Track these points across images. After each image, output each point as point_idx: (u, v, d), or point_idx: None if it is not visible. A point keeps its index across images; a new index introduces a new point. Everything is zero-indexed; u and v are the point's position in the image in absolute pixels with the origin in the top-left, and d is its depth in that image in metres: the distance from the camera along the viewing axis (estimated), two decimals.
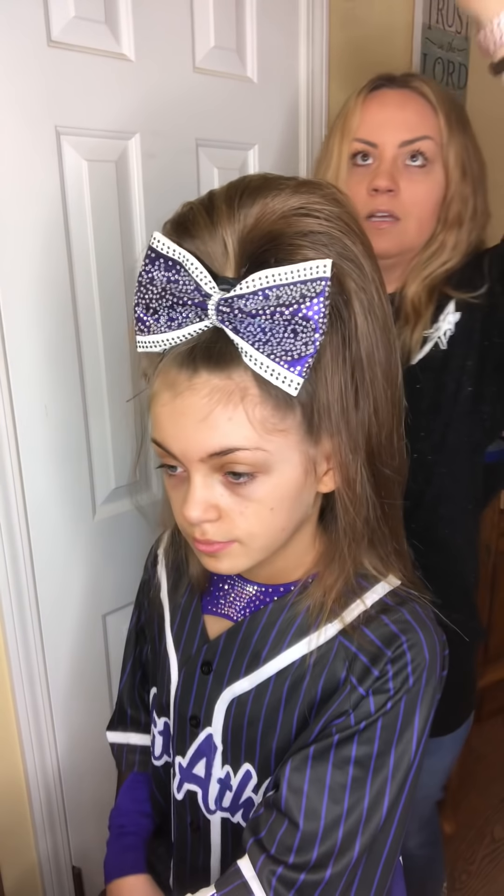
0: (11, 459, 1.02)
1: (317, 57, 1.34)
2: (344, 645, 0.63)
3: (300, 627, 0.66)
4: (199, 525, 0.59)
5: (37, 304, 1.01)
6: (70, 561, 1.14)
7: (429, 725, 0.63)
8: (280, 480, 0.58)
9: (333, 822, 0.60)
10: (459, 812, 1.86)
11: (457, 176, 0.95)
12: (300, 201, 0.54)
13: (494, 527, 1.76)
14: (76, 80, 0.98)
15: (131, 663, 0.89)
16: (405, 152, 0.94)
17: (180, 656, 0.74)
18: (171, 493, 0.63)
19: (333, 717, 0.62)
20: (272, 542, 0.62)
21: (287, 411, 0.56)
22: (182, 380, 0.55)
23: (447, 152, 0.95)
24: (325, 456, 0.60)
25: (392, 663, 0.61)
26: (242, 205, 0.54)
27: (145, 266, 0.57)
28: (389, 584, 0.66)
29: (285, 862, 0.60)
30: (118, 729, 0.89)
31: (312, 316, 0.51)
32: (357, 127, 0.97)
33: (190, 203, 0.59)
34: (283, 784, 0.61)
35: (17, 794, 1.17)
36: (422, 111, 0.95)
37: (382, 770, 0.60)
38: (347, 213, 0.57)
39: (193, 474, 0.58)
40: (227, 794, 0.71)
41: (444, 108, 0.95)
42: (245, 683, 0.68)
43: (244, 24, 1.21)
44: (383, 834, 0.61)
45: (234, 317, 0.53)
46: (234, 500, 0.58)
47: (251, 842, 0.62)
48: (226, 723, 0.69)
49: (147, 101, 1.08)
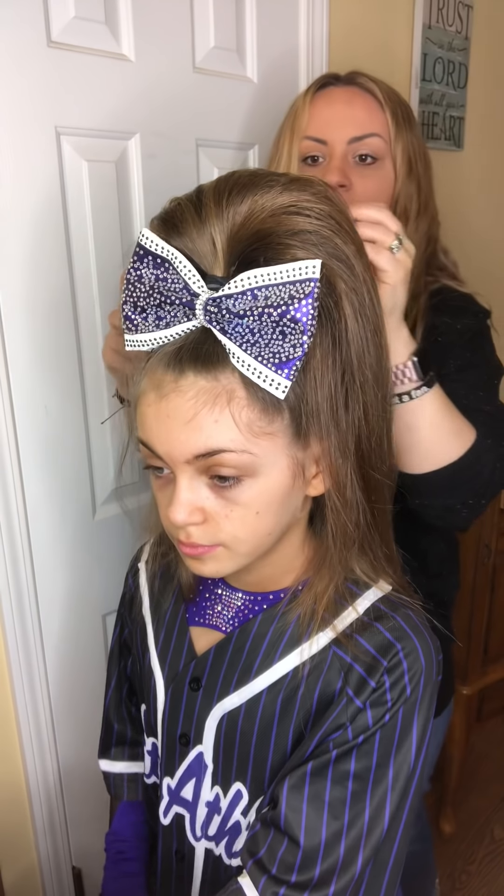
0: (11, 459, 1.02)
1: (317, 57, 1.34)
2: (338, 655, 0.62)
3: (291, 637, 0.64)
4: (184, 528, 0.58)
5: (37, 304, 1.01)
6: (70, 561, 1.14)
7: (428, 732, 0.62)
8: (267, 484, 0.57)
9: (334, 837, 0.59)
10: (459, 812, 1.86)
11: (403, 173, 0.96)
12: (290, 199, 0.53)
13: (494, 527, 1.75)
14: (76, 80, 0.98)
15: (116, 677, 0.86)
16: (354, 149, 0.95)
17: (166, 673, 0.72)
18: (158, 495, 0.62)
19: (330, 731, 0.61)
20: (258, 546, 0.60)
21: (275, 414, 0.55)
22: (168, 381, 0.54)
23: (395, 149, 0.96)
24: (314, 459, 0.59)
25: (388, 673, 0.60)
26: (231, 202, 0.53)
27: (133, 263, 0.56)
28: (381, 589, 0.65)
29: (287, 882, 0.59)
30: (106, 755, 0.86)
31: (301, 318, 0.50)
32: (306, 125, 0.97)
33: (178, 199, 0.58)
34: (282, 802, 0.60)
35: (18, 794, 1.17)
36: (369, 107, 0.96)
37: (382, 782, 0.59)
38: (339, 211, 0.56)
39: (179, 476, 0.57)
40: (216, 818, 0.69)
41: (390, 105, 0.96)
42: (235, 698, 0.66)
43: (244, 24, 1.21)
44: (387, 844, 0.60)
45: (222, 317, 0.52)
46: (220, 503, 0.57)
47: (251, 863, 0.61)
48: (217, 740, 0.67)
49: (147, 101, 1.08)
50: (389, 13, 1.51)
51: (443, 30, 1.65)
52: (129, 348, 0.57)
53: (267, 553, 0.62)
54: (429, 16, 1.59)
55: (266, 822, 0.62)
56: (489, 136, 1.93)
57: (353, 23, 1.41)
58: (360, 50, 1.43)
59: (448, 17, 1.66)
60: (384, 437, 0.62)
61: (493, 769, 2.00)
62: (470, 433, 0.79)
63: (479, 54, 1.80)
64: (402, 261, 0.70)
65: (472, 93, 1.80)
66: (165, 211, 0.58)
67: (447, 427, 0.78)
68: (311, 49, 1.33)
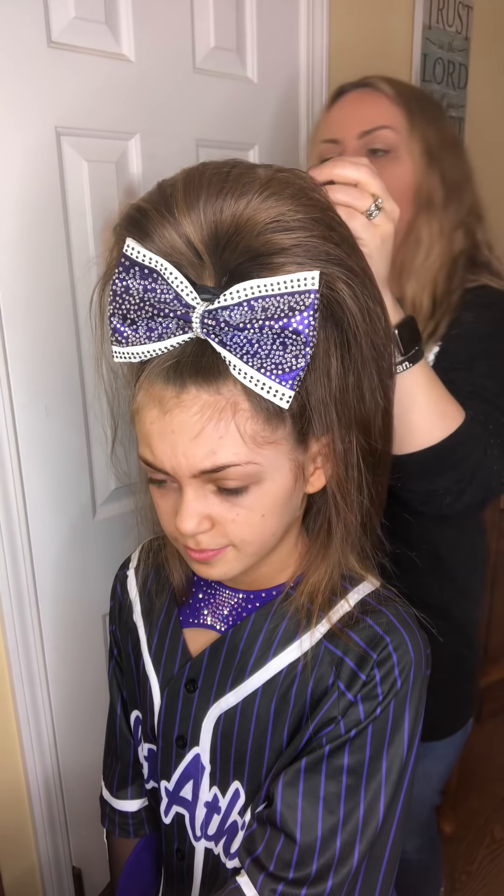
0: (11, 459, 1.02)
1: (317, 57, 1.34)
2: (329, 649, 0.63)
3: (285, 634, 0.65)
4: (193, 536, 0.58)
5: (37, 304, 1.01)
6: (70, 561, 1.14)
7: (420, 723, 0.63)
8: (271, 488, 0.57)
9: (330, 832, 0.59)
10: (459, 812, 1.86)
11: (423, 164, 0.95)
12: (272, 212, 0.51)
13: (494, 527, 1.76)
14: (76, 80, 0.98)
15: (120, 704, 0.82)
16: (365, 143, 0.96)
17: (161, 677, 0.72)
18: (160, 502, 0.61)
19: (322, 724, 0.61)
20: (263, 547, 0.61)
21: (278, 423, 0.55)
22: (170, 396, 0.54)
23: (411, 141, 0.96)
24: (313, 457, 0.60)
25: (379, 667, 0.60)
26: (207, 207, 0.52)
27: (119, 275, 0.54)
28: (370, 584, 0.66)
29: (285, 878, 0.59)
30: (122, 795, 0.82)
31: (303, 329, 0.50)
32: (323, 131, 1.01)
33: (138, 203, 0.55)
34: (277, 800, 0.61)
35: (18, 794, 1.17)
36: (379, 103, 0.97)
37: (376, 775, 0.60)
38: (324, 212, 0.55)
39: (185, 488, 0.57)
40: (215, 817, 0.69)
41: (403, 99, 0.96)
42: (232, 698, 0.66)
43: (244, 24, 1.21)
44: (382, 837, 0.61)
45: (220, 329, 0.52)
46: (226, 506, 0.57)
47: (248, 861, 0.61)
48: (214, 741, 0.67)
49: (147, 101, 1.08)
50: (389, 14, 1.51)
51: (443, 30, 1.65)
52: (119, 360, 0.57)
53: (268, 553, 0.63)
54: (429, 16, 1.59)
55: (262, 820, 0.63)
56: (489, 136, 1.93)
57: (354, 23, 1.41)
58: (361, 50, 1.43)
59: (448, 17, 1.66)
60: (388, 415, 0.62)
61: (493, 769, 2.00)
62: (457, 417, 0.76)
63: (479, 54, 1.80)
64: (381, 225, 0.65)
65: (472, 93, 1.80)
66: (129, 217, 0.56)
67: (430, 406, 0.74)
68: (312, 49, 1.33)
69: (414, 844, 1.22)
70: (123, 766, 0.82)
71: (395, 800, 0.61)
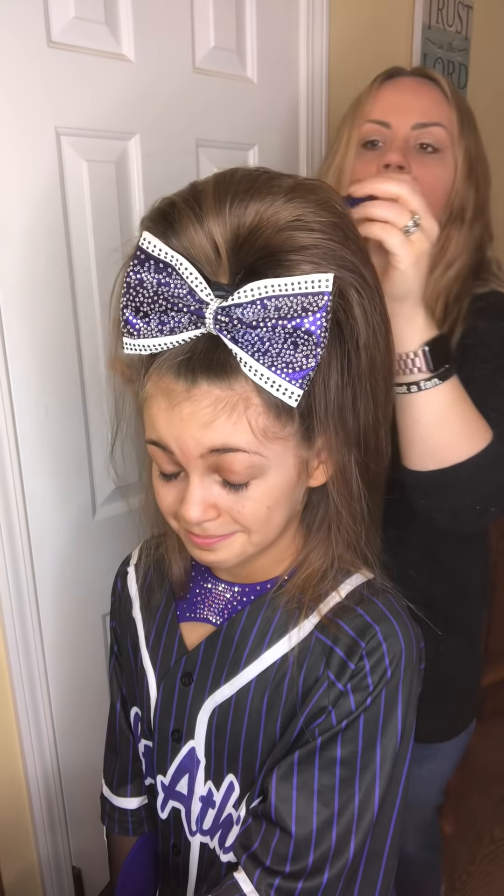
0: (11, 460, 1.02)
1: (317, 57, 1.34)
2: (320, 639, 0.63)
3: (279, 625, 0.65)
4: (199, 524, 0.59)
5: (37, 304, 1.01)
6: (70, 561, 1.14)
7: (412, 713, 0.63)
8: (276, 482, 0.58)
9: (325, 824, 0.59)
10: (459, 812, 1.86)
11: (463, 172, 0.94)
12: (295, 212, 0.52)
13: (494, 527, 1.76)
14: (76, 80, 0.98)
15: (120, 702, 0.82)
16: (417, 135, 0.92)
17: (158, 671, 0.72)
18: (162, 491, 0.62)
19: (313, 715, 0.61)
20: (267, 538, 0.62)
21: (287, 420, 0.56)
22: (179, 390, 0.54)
23: (458, 146, 0.94)
24: (317, 453, 0.60)
25: (368, 656, 0.61)
26: (234, 207, 0.53)
27: (133, 267, 0.55)
28: (364, 576, 0.66)
29: (282, 872, 0.59)
30: (122, 791, 0.82)
31: (315, 330, 0.51)
32: (370, 109, 0.95)
33: (170, 197, 0.57)
34: (272, 794, 0.61)
35: (17, 794, 1.17)
36: (437, 99, 0.94)
37: (370, 766, 0.60)
38: (344, 220, 0.56)
39: (191, 474, 0.57)
40: (210, 812, 0.70)
41: (457, 102, 0.95)
42: (226, 691, 0.66)
43: (244, 24, 1.21)
44: (380, 832, 0.61)
45: (233, 326, 0.52)
46: (232, 498, 0.58)
47: (245, 856, 0.62)
48: (208, 734, 0.68)
49: (147, 101, 1.08)
50: (389, 13, 1.51)
51: (443, 30, 1.65)
52: (129, 352, 0.57)
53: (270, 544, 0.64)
54: (429, 16, 1.59)
55: (257, 815, 0.63)
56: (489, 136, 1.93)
57: (353, 23, 1.41)
58: (360, 50, 1.43)
59: (448, 17, 1.66)
60: (387, 432, 0.63)
61: (493, 769, 2.00)
62: (485, 435, 0.75)
63: (479, 54, 1.80)
64: (417, 242, 0.64)
65: (472, 93, 1.80)
66: (159, 210, 0.57)
67: (457, 424, 0.74)
68: (311, 49, 1.33)
69: (416, 843, 1.22)
70: (123, 764, 0.82)
71: (390, 792, 0.61)
